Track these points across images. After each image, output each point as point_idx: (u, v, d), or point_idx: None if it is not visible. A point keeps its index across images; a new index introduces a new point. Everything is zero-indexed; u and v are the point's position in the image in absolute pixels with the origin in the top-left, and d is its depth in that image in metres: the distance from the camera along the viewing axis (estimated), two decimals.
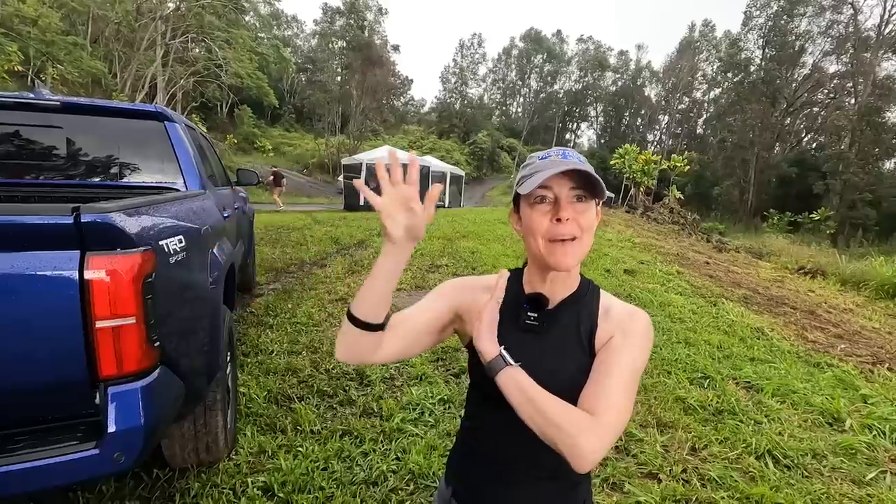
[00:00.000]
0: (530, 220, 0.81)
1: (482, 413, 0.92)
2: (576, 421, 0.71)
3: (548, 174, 0.77)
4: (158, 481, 2.05)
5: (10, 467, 1.17)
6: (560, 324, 0.86)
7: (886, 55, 37.65)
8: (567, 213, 0.78)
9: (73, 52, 19.46)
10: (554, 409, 0.72)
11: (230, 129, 34.11)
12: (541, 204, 0.80)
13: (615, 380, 0.77)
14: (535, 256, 0.83)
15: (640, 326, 0.83)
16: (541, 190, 0.79)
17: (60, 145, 2.53)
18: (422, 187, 0.63)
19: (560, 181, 0.79)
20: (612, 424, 0.73)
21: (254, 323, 4.16)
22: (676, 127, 60.60)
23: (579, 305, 0.86)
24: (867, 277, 9.12)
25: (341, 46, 40.11)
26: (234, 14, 27.37)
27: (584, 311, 0.86)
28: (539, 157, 0.84)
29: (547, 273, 0.85)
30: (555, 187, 0.79)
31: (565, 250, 0.79)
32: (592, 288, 0.90)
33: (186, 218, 1.83)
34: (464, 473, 0.95)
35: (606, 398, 0.75)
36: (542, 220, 0.79)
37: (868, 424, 3.01)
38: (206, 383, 1.86)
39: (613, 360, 0.80)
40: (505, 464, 0.88)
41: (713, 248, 13.91)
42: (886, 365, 4.29)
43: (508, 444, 0.86)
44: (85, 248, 1.21)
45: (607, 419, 0.73)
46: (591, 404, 0.75)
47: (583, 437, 0.70)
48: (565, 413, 0.72)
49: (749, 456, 2.55)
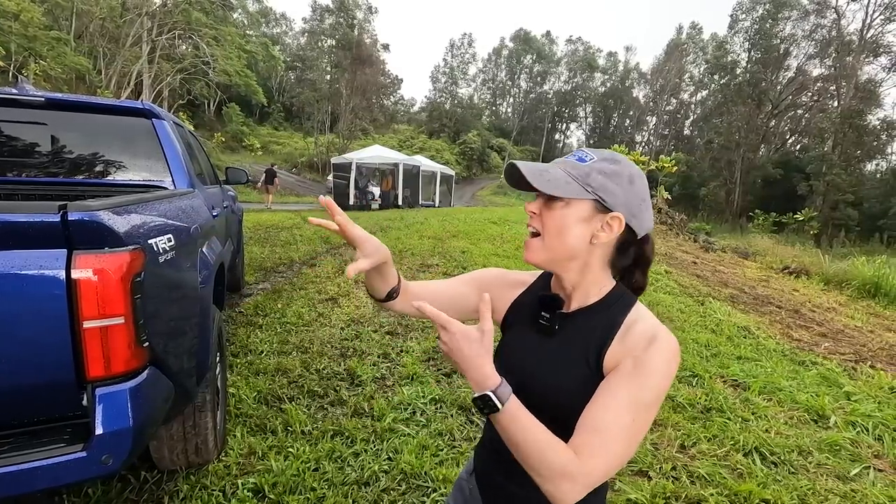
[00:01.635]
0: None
1: None
2: (558, 466, 0.67)
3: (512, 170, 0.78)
4: (146, 484, 2.02)
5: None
6: (572, 330, 0.81)
7: (868, 59, 38.39)
8: (532, 207, 0.80)
9: (57, 47, 19.13)
10: (536, 453, 0.67)
11: (218, 127, 33.77)
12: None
13: (611, 417, 0.70)
14: None
15: (656, 357, 0.72)
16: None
17: (44, 142, 2.48)
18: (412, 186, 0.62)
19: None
20: (596, 471, 0.67)
21: (243, 323, 4.12)
22: (664, 128, 61.24)
23: (599, 315, 0.80)
24: (849, 277, 9.29)
25: (331, 45, 39.81)
26: (221, 11, 27.09)
27: (603, 322, 0.79)
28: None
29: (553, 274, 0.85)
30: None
31: (528, 245, 0.80)
32: (624, 300, 0.81)
33: (175, 216, 1.81)
34: (480, 452, 0.97)
35: (599, 439, 0.69)
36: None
37: (852, 421, 3.06)
38: (196, 384, 1.84)
39: (616, 393, 0.71)
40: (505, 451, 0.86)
41: (700, 248, 14.07)
42: (869, 363, 4.38)
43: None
44: (72, 246, 1.18)
45: (591, 465, 0.67)
46: (582, 439, 0.69)
47: (558, 485, 0.67)
48: (546, 458, 0.67)
49: (737, 453, 2.59)
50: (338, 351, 3.63)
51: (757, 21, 44.87)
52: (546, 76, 66.48)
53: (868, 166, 41.48)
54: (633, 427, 0.70)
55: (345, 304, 4.76)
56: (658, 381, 0.72)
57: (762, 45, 44.04)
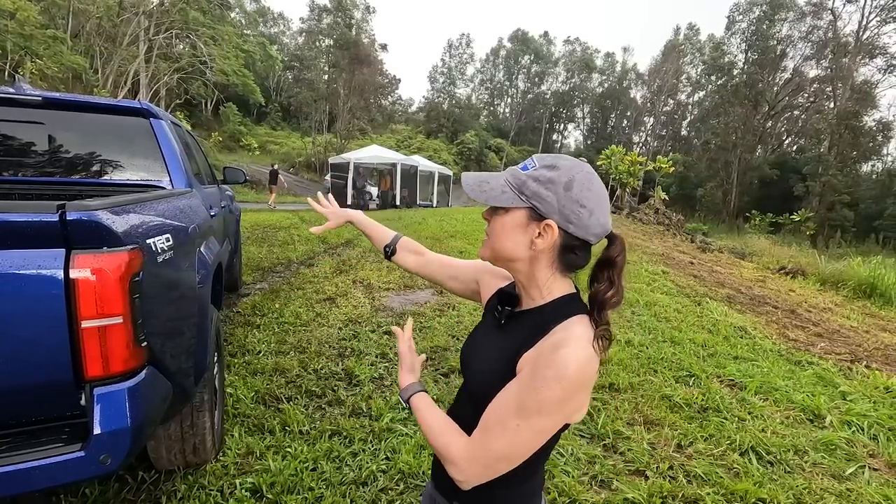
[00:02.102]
0: None
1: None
2: (442, 448, 0.80)
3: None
4: (144, 484, 2.02)
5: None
6: (515, 327, 0.85)
7: (864, 60, 38.55)
8: (485, 213, 0.88)
9: (53, 46, 19.05)
10: (430, 438, 0.84)
11: (215, 127, 33.68)
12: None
13: (498, 417, 0.75)
14: None
15: (551, 368, 0.71)
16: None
17: (42, 142, 2.47)
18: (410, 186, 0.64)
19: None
20: (477, 460, 0.76)
21: (241, 323, 4.12)
22: (661, 129, 61.36)
23: (535, 319, 0.82)
24: (845, 277, 9.34)
25: (328, 44, 39.75)
26: (219, 10, 27.02)
27: (535, 326, 0.80)
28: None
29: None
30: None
31: (482, 244, 0.89)
32: (564, 310, 0.80)
33: (174, 216, 1.81)
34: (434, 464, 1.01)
35: (483, 435, 0.76)
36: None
37: (847, 421, 3.08)
38: (194, 384, 1.84)
39: (508, 395, 0.75)
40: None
41: (697, 249, 14.11)
42: (864, 363, 4.40)
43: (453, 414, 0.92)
44: (70, 246, 1.18)
45: (473, 453, 0.77)
46: (475, 432, 0.78)
47: (445, 463, 0.80)
48: (436, 442, 0.82)
49: (733, 452, 2.60)
50: (336, 351, 3.63)
51: (753, 22, 45.00)
52: (544, 76, 66.54)
53: (864, 167, 41.68)
54: (516, 430, 0.73)
55: (343, 304, 4.76)
56: (545, 392, 0.71)
57: (759, 46, 44.17)
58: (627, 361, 3.73)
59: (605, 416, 2.86)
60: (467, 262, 1.15)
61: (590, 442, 2.64)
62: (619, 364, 3.65)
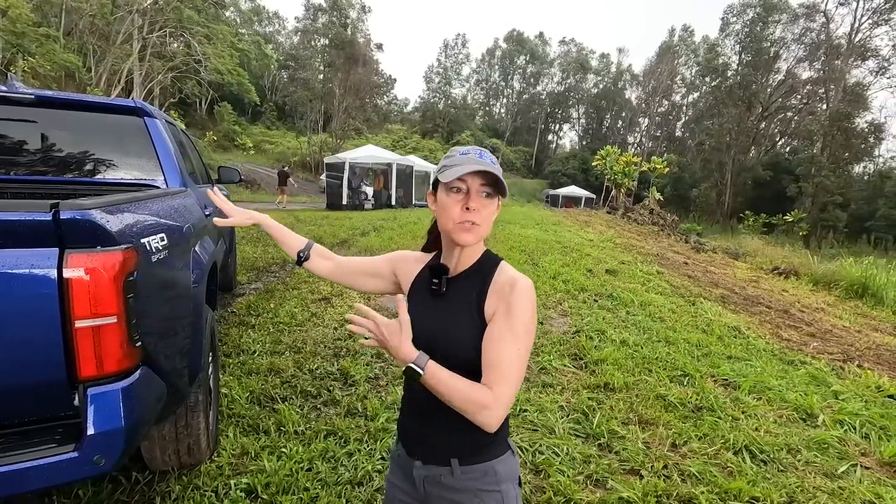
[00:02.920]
0: (445, 204, 0.97)
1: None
2: (477, 401, 0.88)
3: (466, 169, 0.93)
4: (138, 484, 2.01)
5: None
6: (459, 290, 1.02)
7: (856, 62, 38.91)
8: (475, 204, 0.95)
9: (46, 44, 18.90)
10: (459, 397, 0.88)
11: (210, 126, 33.54)
12: (456, 193, 0.96)
13: (502, 352, 0.91)
14: (445, 232, 1.01)
15: (520, 299, 0.94)
16: (458, 181, 0.95)
17: (34, 140, 2.45)
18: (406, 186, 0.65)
19: (474, 177, 0.95)
20: (504, 396, 0.89)
21: (235, 323, 4.10)
22: (656, 129, 61.66)
23: (477, 275, 1.01)
24: (837, 278, 9.42)
25: (324, 44, 39.68)
26: (213, 9, 26.90)
27: (480, 280, 1.00)
28: (460, 153, 0.99)
29: (454, 247, 1.02)
30: (469, 181, 0.95)
31: (469, 231, 0.96)
32: (493, 260, 1.03)
33: (168, 215, 1.80)
34: (401, 415, 1.14)
35: (498, 371, 0.90)
36: (454, 207, 0.96)
37: (839, 420, 3.11)
38: (188, 384, 1.83)
39: (500, 335, 0.93)
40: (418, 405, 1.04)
41: (691, 249, 14.19)
42: (856, 362, 4.44)
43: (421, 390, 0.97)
44: (64, 245, 1.18)
45: (499, 392, 0.89)
46: (487, 378, 0.91)
47: (481, 414, 0.88)
48: (468, 398, 0.88)
49: (727, 451, 2.61)
50: (331, 351, 3.62)
51: (747, 24, 45.34)
52: (539, 77, 66.72)
53: (856, 168, 42.05)
54: (519, 353, 0.92)
55: (338, 303, 4.75)
56: (526, 315, 0.94)
57: (752, 47, 44.50)
58: (622, 361, 3.74)
59: (600, 415, 2.87)
60: (381, 258, 1.21)
61: (585, 441, 2.65)
62: (614, 364, 3.66)
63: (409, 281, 1.14)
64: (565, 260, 7.91)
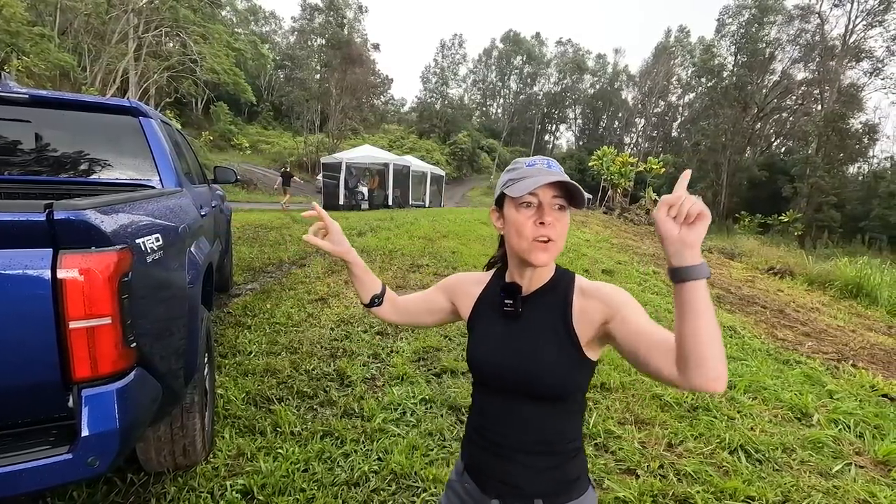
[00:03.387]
0: (516, 221, 0.90)
1: (477, 394, 1.03)
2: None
3: (539, 182, 0.86)
4: (133, 486, 2.00)
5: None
6: (537, 310, 0.94)
7: (851, 63, 39.12)
8: (550, 218, 0.88)
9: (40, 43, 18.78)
10: (716, 327, 0.72)
11: (206, 126, 33.43)
12: (527, 208, 0.89)
13: (650, 324, 0.85)
14: (516, 252, 0.92)
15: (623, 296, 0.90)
16: (528, 196, 0.88)
17: (28, 140, 2.44)
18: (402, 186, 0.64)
19: (545, 189, 0.88)
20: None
21: (231, 323, 4.09)
22: (652, 130, 61.82)
23: (555, 292, 0.95)
24: (832, 278, 9.47)
25: (320, 44, 39.61)
26: (209, 8, 26.80)
27: (560, 297, 0.94)
28: (526, 164, 0.93)
29: (527, 266, 0.94)
30: (540, 194, 0.88)
31: (546, 249, 0.89)
32: (568, 275, 0.98)
33: (163, 216, 1.79)
34: (469, 448, 1.04)
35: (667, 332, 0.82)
36: (527, 223, 0.89)
37: (834, 419, 3.12)
38: (184, 385, 1.82)
39: (639, 321, 0.85)
40: (497, 439, 0.96)
41: None
42: (851, 361, 4.46)
43: (499, 423, 0.95)
44: (58, 246, 1.17)
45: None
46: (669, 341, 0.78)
47: (724, 364, 0.72)
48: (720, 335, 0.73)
49: (723, 451, 2.62)
50: (327, 351, 3.62)
51: (743, 25, 45.47)
52: (536, 77, 66.77)
53: (850, 169, 42.28)
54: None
55: (334, 304, 4.74)
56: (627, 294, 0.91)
57: (748, 48, 44.65)
58: (619, 361, 3.75)
59: (596, 415, 2.87)
60: (434, 291, 1.15)
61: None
62: (610, 364, 3.67)
63: (468, 305, 1.06)
64: (562, 260, 7.91)
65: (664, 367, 0.77)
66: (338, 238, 1.11)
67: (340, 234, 1.12)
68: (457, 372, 3.36)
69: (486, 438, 0.98)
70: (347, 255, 1.13)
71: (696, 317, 0.71)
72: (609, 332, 0.87)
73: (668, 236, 0.73)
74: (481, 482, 0.98)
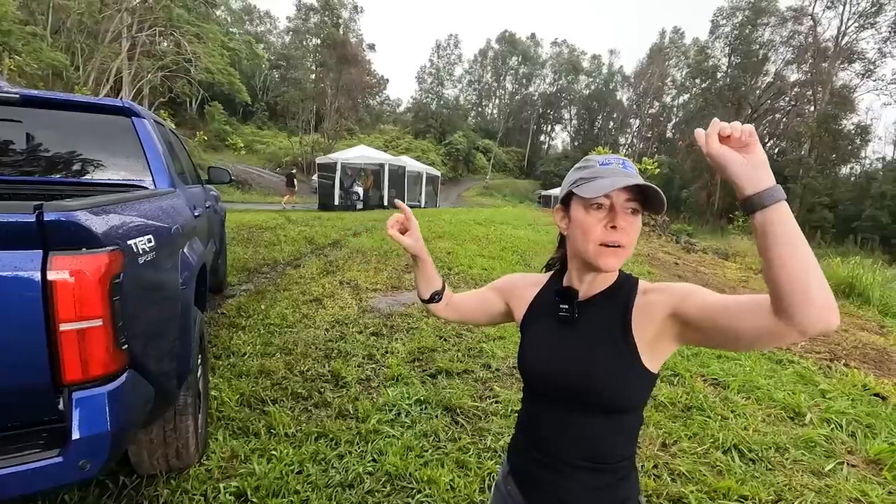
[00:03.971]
0: (584, 223, 0.85)
1: (526, 400, 1.01)
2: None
3: (616, 184, 0.80)
4: (125, 489, 1.99)
5: None
6: (595, 316, 0.89)
7: (843, 65, 39.47)
8: (623, 222, 0.83)
9: (32, 42, 18.65)
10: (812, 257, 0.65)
11: (200, 126, 33.27)
12: (597, 210, 0.84)
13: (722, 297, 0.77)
14: (581, 255, 0.87)
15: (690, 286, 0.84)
16: (601, 197, 0.82)
17: (19, 140, 2.42)
18: (398, 186, 0.63)
19: (619, 192, 0.82)
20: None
21: (225, 324, 4.07)
22: (647, 130, 62.09)
23: (615, 298, 0.89)
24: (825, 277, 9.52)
25: (316, 44, 39.54)
26: (204, 8, 26.70)
27: (621, 304, 0.88)
28: (600, 163, 0.87)
29: (589, 271, 0.90)
30: (613, 196, 0.83)
31: (615, 254, 0.83)
32: (632, 280, 0.92)
33: (156, 217, 1.78)
34: (515, 453, 1.01)
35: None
36: (596, 226, 0.83)
37: (826, 418, 3.14)
38: (177, 387, 1.81)
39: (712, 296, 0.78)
40: (544, 448, 0.93)
41: (682, 249, 14.30)
42: (843, 361, 4.49)
43: (546, 432, 0.92)
44: (48, 247, 1.16)
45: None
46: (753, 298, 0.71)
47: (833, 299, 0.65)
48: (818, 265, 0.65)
49: (716, 450, 2.63)
50: (322, 352, 3.60)
51: (737, 27, 45.79)
52: (531, 78, 66.91)
53: (843, 170, 42.63)
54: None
55: (329, 305, 4.73)
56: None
57: (742, 50, 44.96)
58: None
59: None
60: (487, 291, 1.13)
61: None
62: None
63: (523, 307, 1.03)
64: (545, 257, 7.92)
65: (760, 324, 0.68)
66: (417, 235, 1.09)
67: (418, 232, 1.10)
68: (452, 373, 3.36)
69: (531, 446, 0.95)
70: (422, 252, 1.11)
71: (793, 243, 0.63)
72: (680, 320, 0.80)
73: (733, 161, 0.66)
74: (524, 490, 0.96)
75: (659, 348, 0.85)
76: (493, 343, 3.92)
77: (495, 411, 2.88)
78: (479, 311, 1.13)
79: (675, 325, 0.81)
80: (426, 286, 1.12)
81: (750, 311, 0.70)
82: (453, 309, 1.16)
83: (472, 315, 1.15)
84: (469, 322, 1.18)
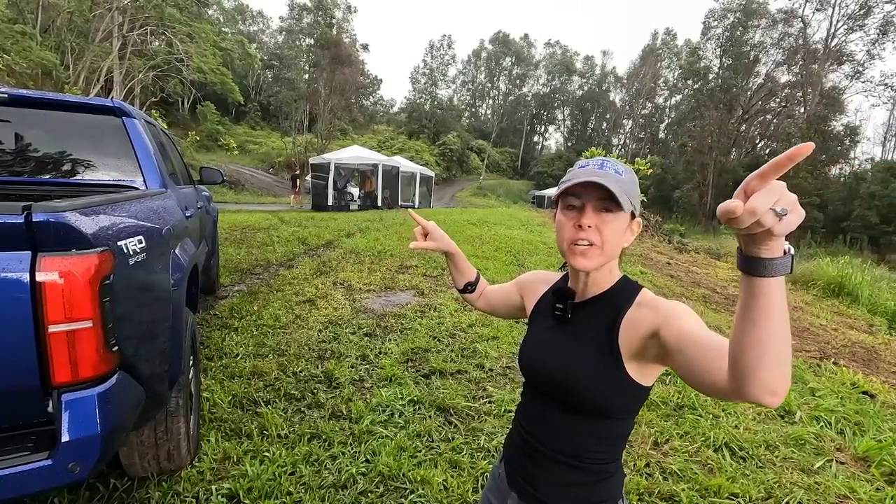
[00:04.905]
0: (559, 223, 0.89)
1: (524, 390, 1.04)
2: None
3: (572, 182, 0.84)
4: (116, 492, 1.97)
5: None
6: (585, 320, 0.91)
7: (832, 67, 39.90)
8: (589, 220, 0.84)
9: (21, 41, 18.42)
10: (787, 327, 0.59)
11: (192, 126, 33.05)
12: (570, 210, 0.87)
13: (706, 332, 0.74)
14: (562, 255, 0.91)
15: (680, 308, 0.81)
16: (571, 197, 0.86)
17: (8, 140, 2.40)
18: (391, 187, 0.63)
19: (589, 191, 0.84)
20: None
21: (218, 326, 4.05)
22: (640, 131, 62.46)
23: (608, 304, 0.90)
24: (815, 277, 9.63)
25: (309, 44, 39.42)
26: (196, 7, 26.51)
27: (612, 310, 0.88)
28: (579, 166, 0.90)
29: (578, 271, 0.91)
30: (584, 195, 0.84)
31: (584, 254, 0.85)
32: (631, 288, 0.90)
33: (147, 217, 1.77)
34: (509, 437, 1.06)
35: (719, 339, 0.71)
36: (567, 225, 0.86)
37: (816, 416, 3.18)
38: (168, 388, 1.80)
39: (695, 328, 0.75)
40: (527, 436, 0.97)
41: (674, 249, 14.39)
42: (832, 359, 4.54)
43: (534, 424, 0.96)
44: (36, 248, 1.15)
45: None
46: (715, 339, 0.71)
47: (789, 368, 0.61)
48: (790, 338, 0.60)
49: (708, 449, 2.66)
50: (315, 353, 3.59)
51: (728, 28, 46.12)
52: (525, 79, 67.10)
53: (832, 170, 43.05)
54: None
55: (322, 305, 4.72)
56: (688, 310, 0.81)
57: (733, 51, 45.29)
58: None
59: None
60: (511, 285, 1.17)
61: None
62: None
63: (532, 302, 1.07)
64: (551, 261, 7.96)
65: (718, 376, 0.65)
66: (438, 235, 1.17)
67: (439, 231, 1.17)
68: (445, 373, 3.36)
69: (521, 436, 0.99)
70: (450, 248, 1.19)
71: (768, 319, 0.58)
72: (660, 343, 0.78)
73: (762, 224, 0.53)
74: (509, 474, 1.01)
75: (645, 363, 0.84)
76: (487, 343, 3.93)
77: (489, 411, 2.88)
78: (503, 303, 1.19)
79: (655, 346, 0.79)
80: (459, 278, 1.22)
81: (715, 359, 0.67)
82: (485, 300, 1.23)
83: (497, 307, 1.21)
84: (497, 313, 1.23)
